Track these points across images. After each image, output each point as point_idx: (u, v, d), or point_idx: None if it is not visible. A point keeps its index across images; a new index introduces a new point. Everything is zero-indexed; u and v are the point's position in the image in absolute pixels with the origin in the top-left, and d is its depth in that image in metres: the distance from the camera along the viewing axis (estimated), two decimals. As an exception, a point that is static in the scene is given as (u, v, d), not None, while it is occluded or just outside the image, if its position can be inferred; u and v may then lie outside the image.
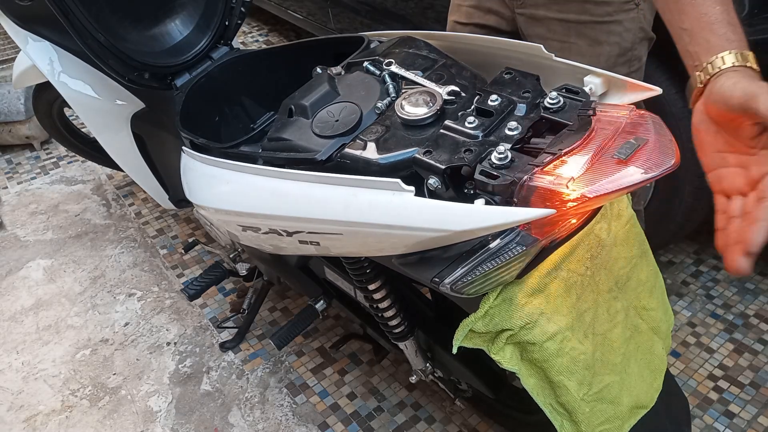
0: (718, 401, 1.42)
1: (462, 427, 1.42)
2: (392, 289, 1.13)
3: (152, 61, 1.31)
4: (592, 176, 0.71)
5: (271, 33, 3.50)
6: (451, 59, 1.00)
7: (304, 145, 0.94)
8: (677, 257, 1.80)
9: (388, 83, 0.97)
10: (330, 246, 0.92)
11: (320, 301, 1.40)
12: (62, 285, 1.91)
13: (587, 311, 0.87)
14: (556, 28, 1.10)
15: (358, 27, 2.44)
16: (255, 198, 0.96)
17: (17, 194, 2.33)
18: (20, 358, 1.68)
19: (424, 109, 0.87)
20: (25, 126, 2.48)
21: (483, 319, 0.81)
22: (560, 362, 0.83)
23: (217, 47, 1.41)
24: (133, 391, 1.57)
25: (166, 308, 1.81)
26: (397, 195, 0.76)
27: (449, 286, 0.76)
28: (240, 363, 1.63)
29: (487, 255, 0.74)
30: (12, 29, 1.55)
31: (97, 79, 1.51)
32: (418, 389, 1.51)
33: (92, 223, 2.17)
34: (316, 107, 0.99)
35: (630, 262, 0.93)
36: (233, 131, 1.35)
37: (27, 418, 1.52)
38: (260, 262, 1.54)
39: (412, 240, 0.77)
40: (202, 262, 1.97)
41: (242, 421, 1.48)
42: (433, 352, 1.26)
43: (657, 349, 0.98)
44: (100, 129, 1.60)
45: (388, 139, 0.87)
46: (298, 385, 1.56)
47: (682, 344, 1.55)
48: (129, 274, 1.94)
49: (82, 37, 1.19)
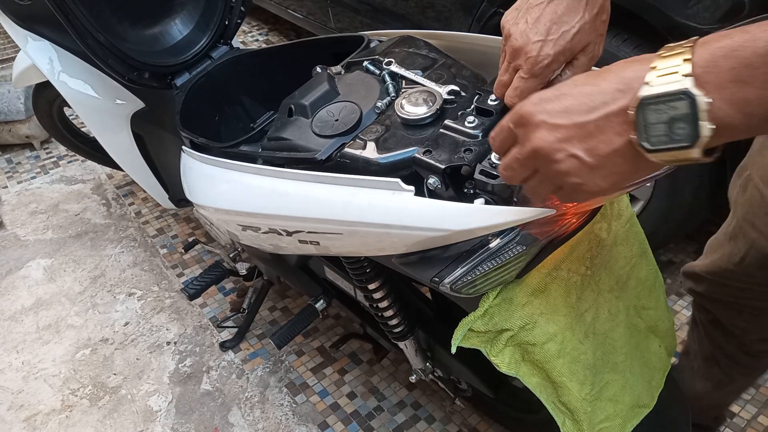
0: (718, 401, 1.42)
1: (462, 426, 1.42)
2: (392, 289, 1.13)
3: (152, 60, 1.31)
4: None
5: (271, 32, 3.50)
6: (451, 59, 1.00)
7: (304, 144, 0.94)
8: (677, 257, 1.80)
9: (388, 83, 0.97)
10: (330, 246, 0.92)
11: (320, 300, 1.40)
12: (62, 284, 1.91)
13: (588, 311, 0.87)
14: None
15: (358, 26, 2.44)
16: (255, 197, 0.96)
17: (17, 194, 2.33)
18: (20, 357, 1.68)
19: (424, 108, 0.87)
20: (25, 125, 2.48)
21: (482, 319, 0.81)
22: (561, 363, 0.83)
23: (217, 46, 1.41)
24: (133, 390, 1.57)
25: (166, 308, 1.81)
26: (396, 194, 0.76)
27: (449, 285, 0.76)
28: (240, 362, 1.63)
29: (487, 255, 0.74)
30: (12, 29, 1.55)
31: (97, 79, 1.51)
32: (418, 389, 1.51)
33: (92, 222, 2.17)
34: (315, 107, 0.98)
35: (630, 261, 0.93)
36: (233, 131, 1.35)
37: (27, 417, 1.52)
38: (260, 262, 1.54)
39: (411, 239, 0.77)
40: (202, 262, 1.97)
41: (242, 421, 1.48)
42: (433, 352, 1.26)
43: (654, 347, 0.98)
44: (100, 128, 1.60)
45: (388, 138, 0.87)
46: (298, 385, 1.56)
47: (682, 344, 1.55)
48: (129, 273, 1.94)
49: (81, 36, 1.19)
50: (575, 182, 0.52)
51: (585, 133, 0.50)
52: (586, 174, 0.51)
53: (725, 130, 0.45)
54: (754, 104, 0.43)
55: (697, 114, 0.44)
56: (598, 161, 0.50)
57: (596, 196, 0.54)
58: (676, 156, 0.46)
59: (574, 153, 0.50)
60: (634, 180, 0.53)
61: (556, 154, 0.51)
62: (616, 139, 0.49)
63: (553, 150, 0.51)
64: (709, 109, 0.44)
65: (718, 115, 0.44)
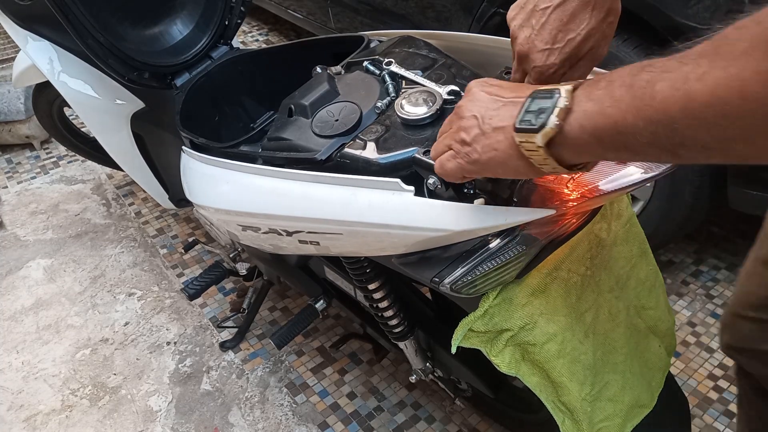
0: (718, 401, 1.42)
1: (462, 426, 1.42)
2: (392, 289, 1.13)
3: (152, 60, 1.31)
4: (591, 176, 0.71)
5: (271, 33, 3.50)
6: (451, 59, 1.00)
7: (304, 144, 0.94)
8: (677, 257, 1.80)
9: (388, 83, 0.97)
10: (330, 246, 0.92)
11: (320, 300, 1.40)
12: (62, 284, 1.91)
13: (588, 311, 0.87)
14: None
15: (358, 26, 2.44)
16: (255, 198, 0.96)
17: (17, 194, 2.33)
18: (20, 357, 1.68)
19: (424, 108, 0.87)
20: (25, 125, 2.48)
21: (482, 319, 0.81)
22: (561, 363, 0.83)
23: (217, 47, 1.41)
24: (133, 390, 1.57)
25: (166, 308, 1.81)
26: (396, 195, 0.76)
27: (449, 285, 0.76)
28: (240, 362, 1.63)
29: (487, 255, 0.74)
30: (12, 29, 1.55)
31: (97, 79, 1.51)
32: (418, 389, 1.51)
33: (92, 222, 2.17)
34: (315, 107, 0.98)
35: (630, 261, 0.93)
36: (233, 131, 1.35)
37: (27, 417, 1.52)
38: (260, 262, 1.54)
39: (411, 240, 0.77)
40: (202, 262, 1.97)
41: (242, 421, 1.48)
42: (433, 352, 1.26)
43: (654, 347, 0.98)
44: (99, 128, 1.60)
45: (388, 138, 0.87)
46: (298, 385, 1.56)
47: (682, 344, 1.55)
48: (129, 273, 1.94)
49: (81, 36, 1.19)
50: (464, 138, 0.61)
51: (495, 106, 0.59)
52: (475, 136, 0.60)
53: (569, 136, 0.52)
54: (603, 132, 0.50)
55: (553, 109, 0.52)
56: (488, 129, 0.58)
57: (471, 169, 0.62)
58: (527, 138, 0.54)
59: (476, 114, 0.60)
60: (504, 168, 0.59)
61: (466, 111, 0.61)
62: (507, 118, 0.57)
63: (466, 108, 0.61)
64: (565, 108, 0.51)
65: (570, 119, 0.51)
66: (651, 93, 0.45)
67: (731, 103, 0.40)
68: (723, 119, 0.41)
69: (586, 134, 0.51)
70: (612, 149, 0.50)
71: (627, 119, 0.47)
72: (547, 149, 0.53)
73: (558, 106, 0.52)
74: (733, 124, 0.41)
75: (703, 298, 1.67)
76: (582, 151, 0.53)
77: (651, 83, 0.45)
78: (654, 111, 0.45)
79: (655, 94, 0.45)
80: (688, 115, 0.43)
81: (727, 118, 0.41)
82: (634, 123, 0.46)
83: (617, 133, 0.48)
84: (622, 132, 0.48)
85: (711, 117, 0.42)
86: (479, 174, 0.63)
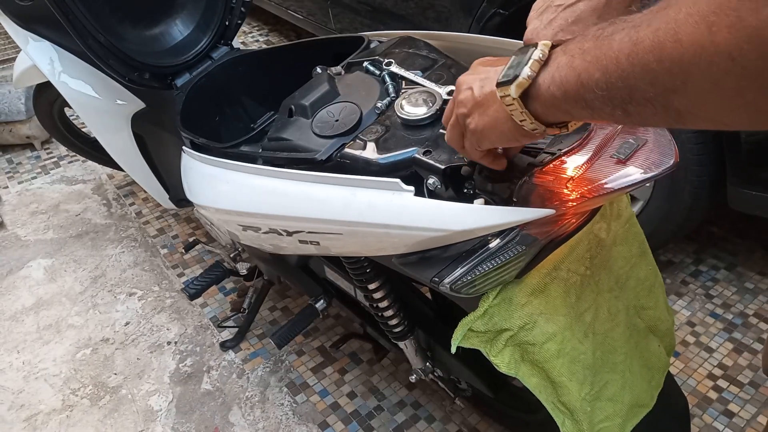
0: (718, 400, 1.42)
1: (462, 426, 1.42)
2: (392, 289, 1.13)
3: (153, 61, 1.31)
4: (591, 176, 0.71)
5: (271, 33, 3.50)
6: (451, 59, 1.00)
7: (304, 144, 0.95)
8: (677, 257, 1.80)
9: (388, 83, 0.97)
10: (330, 246, 0.92)
11: (320, 300, 1.40)
12: (63, 284, 1.91)
13: (587, 311, 0.87)
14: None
15: (358, 27, 2.44)
16: (255, 198, 0.96)
17: (18, 194, 2.34)
18: (21, 357, 1.68)
19: (424, 109, 0.87)
20: (26, 126, 2.48)
21: (482, 318, 0.81)
22: (561, 363, 0.83)
23: (218, 47, 1.41)
24: (133, 390, 1.57)
25: (167, 307, 1.81)
26: (396, 195, 0.77)
27: (449, 285, 0.76)
28: (240, 362, 1.63)
29: (487, 255, 0.74)
30: (12, 29, 1.56)
31: (98, 79, 1.51)
32: (418, 388, 1.52)
33: (93, 222, 2.17)
34: (316, 107, 0.99)
35: (629, 261, 0.93)
36: (233, 131, 1.35)
37: (28, 417, 1.53)
38: (260, 262, 1.54)
39: (411, 240, 0.78)
40: (202, 262, 1.97)
41: (242, 420, 1.48)
42: (433, 352, 1.26)
43: (653, 347, 0.98)
44: (100, 129, 1.60)
45: (388, 139, 0.87)
46: (299, 384, 1.56)
47: (682, 343, 1.55)
48: (129, 273, 1.94)
49: (82, 37, 1.20)
50: (464, 113, 0.63)
51: (488, 75, 0.61)
52: (472, 106, 0.62)
53: (542, 89, 0.53)
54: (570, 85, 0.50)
55: (528, 60, 0.53)
56: (482, 98, 0.61)
57: (479, 138, 0.63)
58: (504, 91, 0.56)
59: (471, 86, 0.63)
60: (497, 133, 0.61)
61: (462, 85, 0.64)
62: (495, 81, 0.58)
63: (464, 82, 0.64)
64: (539, 59, 0.53)
65: (544, 72, 0.53)
66: (609, 43, 0.46)
67: (666, 46, 0.41)
68: (659, 64, 0.41)
69: (555, 86, 0.51)
70: (576, 105, 0.51)
71: (589, 71, 0.47)
72: (522, 103, 0.55)
73: (532, 57, 0.53)
74: (669, 71, 0.41)
75: (702, 298, 1.67)
76: (551, 105, 0.53)
77: (612, 34, 0.46)
78: (609, 60, 0.45)
79: (613, 43, 0.45)
80: (633, 62, 0.43)
81: (662, 63, 0.41)
82: (594, 75, 0.47)
83: (580, 86, 0.49)
84: (584, 84, 0.48)
85: (652, 63, 0.42)
86: (481, 144, 0.65)
